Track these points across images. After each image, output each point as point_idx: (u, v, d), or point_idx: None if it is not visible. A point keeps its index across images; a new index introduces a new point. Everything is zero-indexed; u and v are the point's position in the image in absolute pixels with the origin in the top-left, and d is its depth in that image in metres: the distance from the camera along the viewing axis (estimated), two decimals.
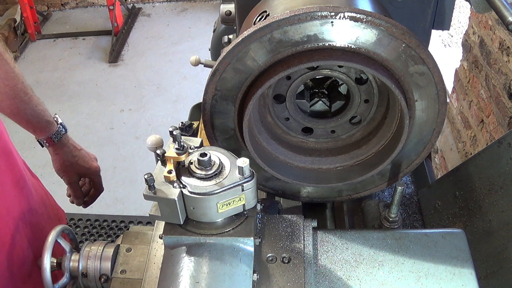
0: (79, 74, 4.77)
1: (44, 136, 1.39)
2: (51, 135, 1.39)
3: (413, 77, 0.93)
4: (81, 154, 1.48)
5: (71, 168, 1.45)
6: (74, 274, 0.97)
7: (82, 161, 1.48)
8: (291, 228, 0.96)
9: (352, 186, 1.14)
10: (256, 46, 0.90)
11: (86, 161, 1.49)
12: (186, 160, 0.90)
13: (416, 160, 1.08)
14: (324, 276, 0.90)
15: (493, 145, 1.05)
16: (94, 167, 1.52)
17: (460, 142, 2.60)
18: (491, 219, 1.05)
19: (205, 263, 0.85)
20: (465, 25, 3.44)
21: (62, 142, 1.42)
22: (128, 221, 2.98)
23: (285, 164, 1.10)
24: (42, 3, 5.86)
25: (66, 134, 1.43)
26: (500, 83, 2.07)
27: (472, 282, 0.87)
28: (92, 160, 1.52)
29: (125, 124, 4.10)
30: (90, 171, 1.51)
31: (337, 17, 0.86)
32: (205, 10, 5.77)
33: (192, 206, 0.87)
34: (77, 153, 1.46)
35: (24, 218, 1.14)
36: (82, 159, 1.48)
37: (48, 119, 1.39)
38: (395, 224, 1.07)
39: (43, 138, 1.40)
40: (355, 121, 1.10)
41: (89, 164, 1.50)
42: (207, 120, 1.01)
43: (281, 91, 1.05)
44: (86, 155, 1.51)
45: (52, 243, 0.93)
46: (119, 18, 5.28)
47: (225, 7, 1.46)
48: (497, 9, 0.84)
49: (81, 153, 1.49)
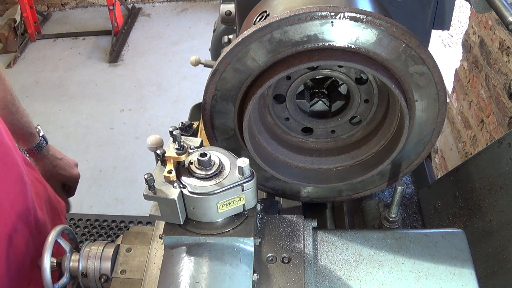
0: (79, 74, 4.77)
1: (26, 147, 1.45)
2: (33, 146, 1.45)
3: (413, 77, 0.93)
4: (62, 163, 1.56)
5: (52, 177, 1.52)
6: (74, 274, 0.97)
7: (63, 170, 1.55)
8: (291, 228, 0.96)
9: (352, 186, 1.14)
10: (256, 46, 0.90)
11: (66, 169, 1.56)
12: (186, 160, 0.90)
13: (416, 160, 1.08)
14: (324, 276, 0.90)
15: (493, 145, 1.05)
16: (75, 175, 1.60)
17: (460, 142, 2.60)
18: (491, 219, 1.05)
19: (205, 263, 0.85)
20: (465, 25, 3.44)
21: (43, 153, 1.49)
22: (128, 221, 2.98)
23: (285, 164, 1.10)
24: (42, 3, 5.87)
25: (47, 146, 1.50)
26: (500, 83, 2.07)
27: (472, 282, 0.87)
28: (72, 167, 1.60)
29: (125, 124, 4.10)
30: (71, 178, 1.59)
31: (337, 17, 0.86)
32: (205, 10, 5.77)
33: (192, 206, 0.87)
34: (57, 163, 1.54)
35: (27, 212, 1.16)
36: (62, 168, 1.55)
37: (32, 131, 1.45)
38: (395, 224, 1.07)
39: (25, 149, 1.45)
40: (355, 121, 1.10)
41: (69, 173, 1.58)
42: (207, 120, 1.01)
43: (281, 91, 1.05)
44: (67, 163, 1.58)
45: (52, 243, 0.93)
46: (119, 18, 5.28)
47: (225, 7, 1.46)
48: (497, 9, 0.84)
49: (62, 162, 1.56)
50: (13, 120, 1.37)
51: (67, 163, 1.57)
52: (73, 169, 1.59)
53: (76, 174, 1.61)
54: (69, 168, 1.58)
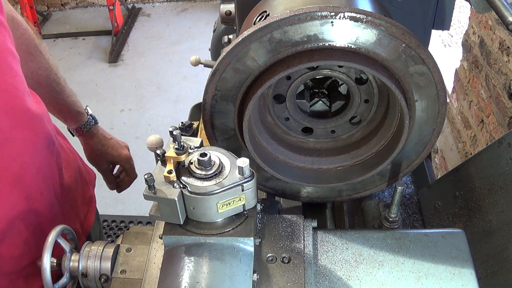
0: (79, 74, 4.77)
1: (74, 126, 1.48)
2: (81, 125, 1.48)
3: (413, 77, 0.93)
4: (111, 143, 1.56)
5: (101, 157, 1.54)
6: (74, 274, 0.97)
7: (112, 150, 1.56)
8: (291, 228, 0.96)
9: (352, 186, 1.14)
10: (256, 46, 0.90)
11: (115, 149, 1.57)
12: (186, 160, 0.90)
13: (416, 160, 1.08)
14: (324, 276, 0.90)
15: (493, 145, 1.05)
16: (124, 154, 1.59)
17: (460, 142, 2.60)
18: (491, 219, 1.05)
19: (205, 263, 0.85)
20: (465, 25, 3.44)
21: (92, 132, 1.50)
22: (128, 221, 2.98)
23: (285, 164, 1.10)
24: (42, 3, 5.87)
25: (96, 125, 1.52)
26: (500, 83, 2.07)
27: (472, 282, 0.87)
28: (122, 148, 1.59)
29: (125, 124, 4.10)
30: (120, 158, 1.58)
31: (337, 17, 0.86)
32: (205, 10, 5.77)
33: (192, 206, 0.87)
34: (106, 142, 1.55)
35: (53, 177, 1.19)
36: (111, 147, 1.56)
37: (79, 110, 1.47)
38: (395, 224, 1.07)
39: (73, 128, 1.48)
40: (355, 121, 1.10)
41: (118, 152, 1.57)
42: (207, 120, 1.01)
43: (281, 91, 1.05)
44: (116, 143, 1.58)
45: (52, 243, 0.93)
46: (119, 18, 5.28)
47: (225, 7, 1.46)
48: (497, 9, 0.84)
49: (111, 142, 1.57)
50: (58, 99, 1.41)
51: (116, 143, 1.58)
52: (122, 149, 1.60)
53: (126, 153, 1.60)
54: (119, 148, 1.58)
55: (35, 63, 1.33)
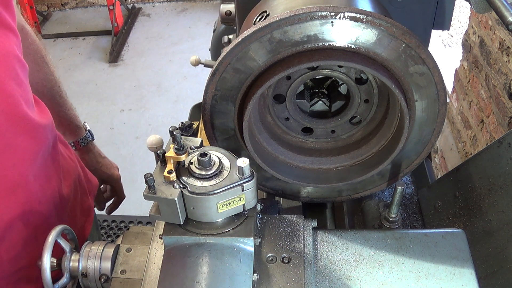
0: (79, 74, 4.77)
1: (72, 139, 1.50)
2: (79, 140, 1.51)
3: (413, 77, 0.93)
4: (105, 161, 1.61)
5: (95, 173, 1.54)
6: (74, 274, 0.97)
7: (105, 168, 1.60)
8: (291, 228, 0.96)
9: (352, 186, 1.14)
10: (256, 46, 0.90)
11: (108, 168, 1.61)
12: (186, 160, 0.90)
13: (416, 160, 1.08)
14: (324, 276, 0.90)
15: (493, 145, 1.05)
16: (116, 174, 1.64)
17: (460, 142, 2.60)
18: (491, 219, 1.05)
19: (205, 263, 0.85)
20: (465, 25, 3.44)
21: (88, 147, 1.54)
22: (128, 221, 2.98)
23: (285, 164, 1.10)
24: (42, 3, 5.87)
25: (92, 142, 1.56)
26: (500, 83, 2.07)
27: (472, 282, 0.87)
28: (114, 168, 1.64)
29: (125, 124, 4.10)
30: (112, 178, 1.62)
31: (337, 17, 0.86)
32: (205, 10, 5.77)
33: (192, 206, 0.87)
34: (100, 160, 1.59)
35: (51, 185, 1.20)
36: (105, 166, 1.60)
37: (78, 124, 1.51)
38: (395, 224, 1.07)
39: (71, 142, 1.50)
40: (355, 121, 1.10)
41: (111, 172, 1.62)
42: (207, 120, 1.01)
43: (281, 91, 1.05)
44: (109, 163, 1.63)
45: (52, 243, 0.93)
46: (119, 18, 5.29)
47: (225, 7, 1.46)
48: (497, 9, 0.84)
49: (105, 161, 1.61)
50: (59, 112, 1.43)
51: (109, 163, 1.62)
52: (114, 169, 1.64)
53: (117, 174, 1.65)
54: (111, 168, 1.62)
55: (41, 74, 1.35)
